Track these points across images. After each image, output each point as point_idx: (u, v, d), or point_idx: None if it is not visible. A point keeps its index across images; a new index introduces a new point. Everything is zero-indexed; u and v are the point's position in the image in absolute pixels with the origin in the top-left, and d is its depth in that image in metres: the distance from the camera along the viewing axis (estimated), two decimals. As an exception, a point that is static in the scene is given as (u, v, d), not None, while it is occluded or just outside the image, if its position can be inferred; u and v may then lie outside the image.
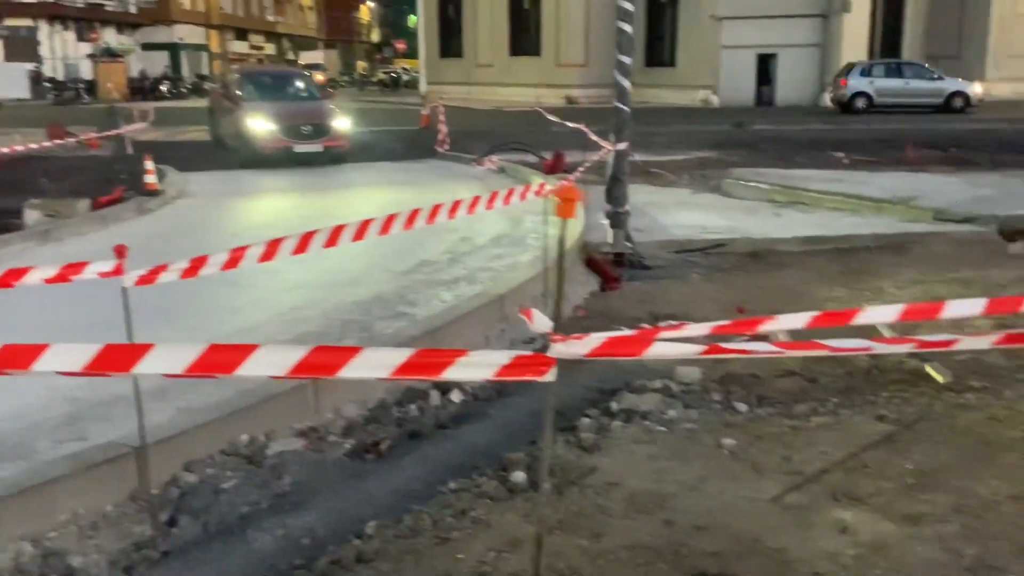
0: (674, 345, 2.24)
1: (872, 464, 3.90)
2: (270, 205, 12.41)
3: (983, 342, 2.76)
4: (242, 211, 11.83)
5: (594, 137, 9.24)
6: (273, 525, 3.61)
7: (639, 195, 11.96)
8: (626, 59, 7.98)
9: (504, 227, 9.31)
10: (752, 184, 12.72)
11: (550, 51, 38.02)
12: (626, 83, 8.05)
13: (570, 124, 11.09)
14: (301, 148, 15.10)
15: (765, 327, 2.43)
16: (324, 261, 7.23)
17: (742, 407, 4.70)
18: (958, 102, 28.20)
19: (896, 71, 29.21)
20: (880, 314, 2.49)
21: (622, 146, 8.31)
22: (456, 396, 5.04)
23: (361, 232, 4.16)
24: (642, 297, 7.38)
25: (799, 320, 2.45)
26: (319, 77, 33.08)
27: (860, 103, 28.15)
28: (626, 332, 2.23)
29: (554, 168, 13.27)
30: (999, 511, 3.46)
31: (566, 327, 6.54)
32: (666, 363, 5.11)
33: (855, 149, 16.60)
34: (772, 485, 3.74)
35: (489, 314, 6.12)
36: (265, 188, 13.53)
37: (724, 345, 2.38)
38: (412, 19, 50.62)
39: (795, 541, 3.27)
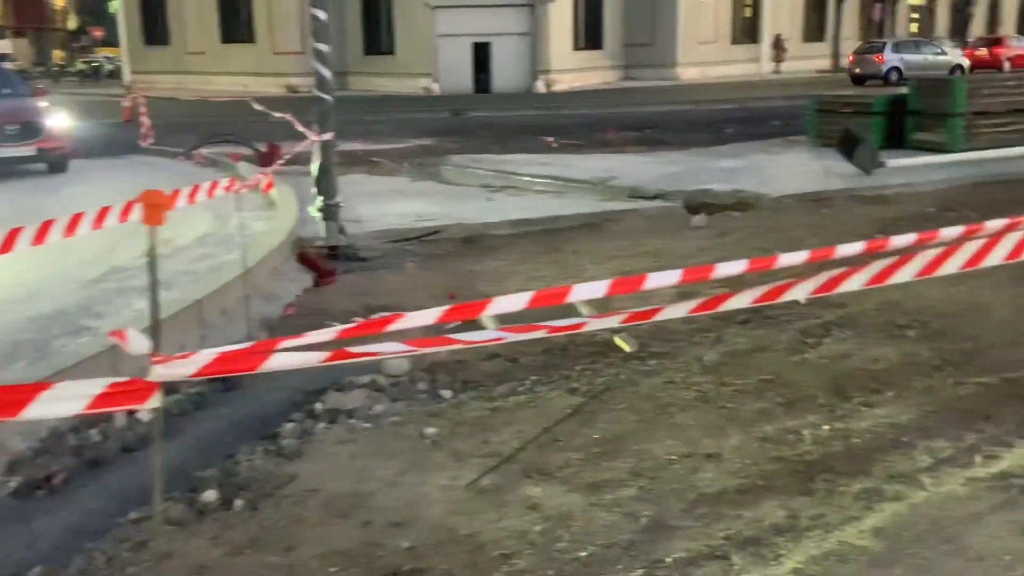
0: (297, 354, 2.15)
1: (563, 437, 4.07)
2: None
3: (612, 321, 2.93)
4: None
5: (300, 127, 8.96)
6: (-91, 590, 3.13)
7: (358, 185, 11.86)
8: (324, 47, 7.79)
9: (210, 225, 8.79)
10: (468, 170, 13.00)
11: (265, 38, 36.62)
12: (326, 72, 7.86)
13: (276, 114, 10.68)
14: (5, 152, 13.17)
15: (394, 326, 2.42)
16: (-5, 275, 6.46)
17: (447, 394, 4.74)
18: (958, 72, 31.63)
19: (915, 47, 33.56)
20: (509, 303, 2.56)
21: (327, 136, 8.12)
22: (146, 415, 4.66)
23: (8, 244, 3.69)
24: (357, 290, 7.28)
25: (429, 316, 2.46)
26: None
27: (894, 76, 31.38)
28: (241, 346, 2.11)
29: (269, 160, 12.76)
30: (672, 470, 3.73)
31: (277, 327, 6.36)
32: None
33: (563, 134, 17.48)
34: (470, 470, 3.78)
35: (187, 321, 5.73)
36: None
37: (352, 349, 2.32)
38: (114, 4, 46.62)
39: (487, 524, 3.32)
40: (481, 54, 33.67)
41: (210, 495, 3.69)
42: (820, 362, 4.99)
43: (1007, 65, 34.74)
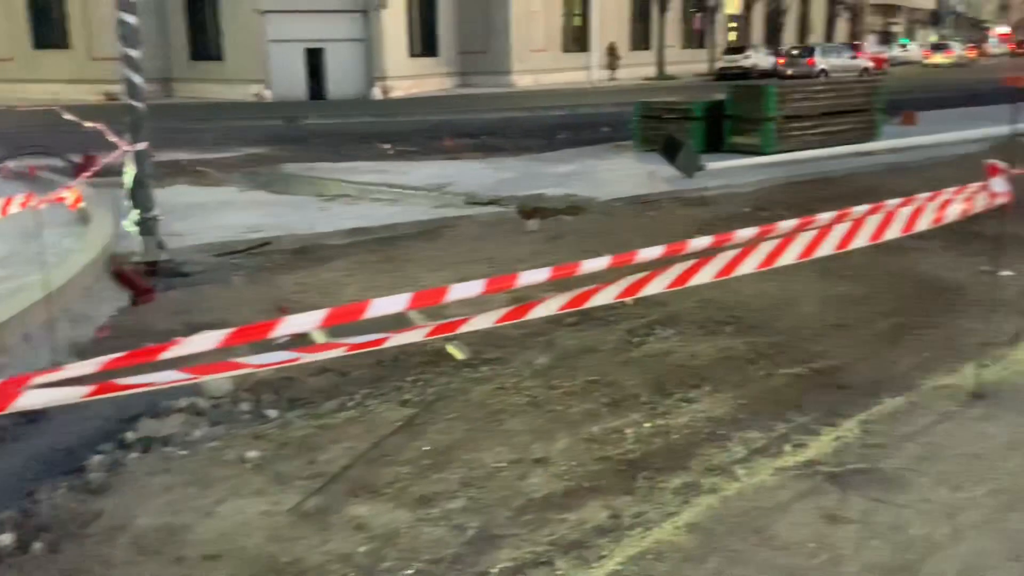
0: (55, 390, 1.99)
1: (392, 451, 3.99)
2: None
3: (416, 334, 2.90)
4: None
5: (112, 137, 8.44)
6: None
7: (183, 196, 11.33)
8: (134, 53, 7.39)
9: (13, 244, 8.14)
10: (301, 179, 12.68)
11: (81, 43, 34.51)
12: (137, 78, 7.46)
13: (87, 124, 10.01)
14: None
15: (169, 353, 2.27)
16: None
17: (272, 413, 4.56)
18: (864, 74, 36.57)
19: (836, 52, 40.12)
20: (302, 321, 2.47)
21: (141, 146, 7.69)
22: (-67, 453, 4.23)
23: None
24: (179, 307, 6.92)
25: (210, 340, 2.33)
26: None
27: (823, 76, 35.49)
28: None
29: (80, 173, 11.96)
30: (501, 478, 3.72)
31: (89, 351, 5.95)
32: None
33: (399, 141, 17.35)
34: (293, 493, 3.64)
35: (-20, 350, 5.26)
36: None
37: (122, 381, 2.17)
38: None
39: (310, 549, 3.20)
40: (315, 60, 33.03)
41: (5, 539, 3.38)
42: (644, 360, 5.14)
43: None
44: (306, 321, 2.44)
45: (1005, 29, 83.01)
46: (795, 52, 40.19)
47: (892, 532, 3.13)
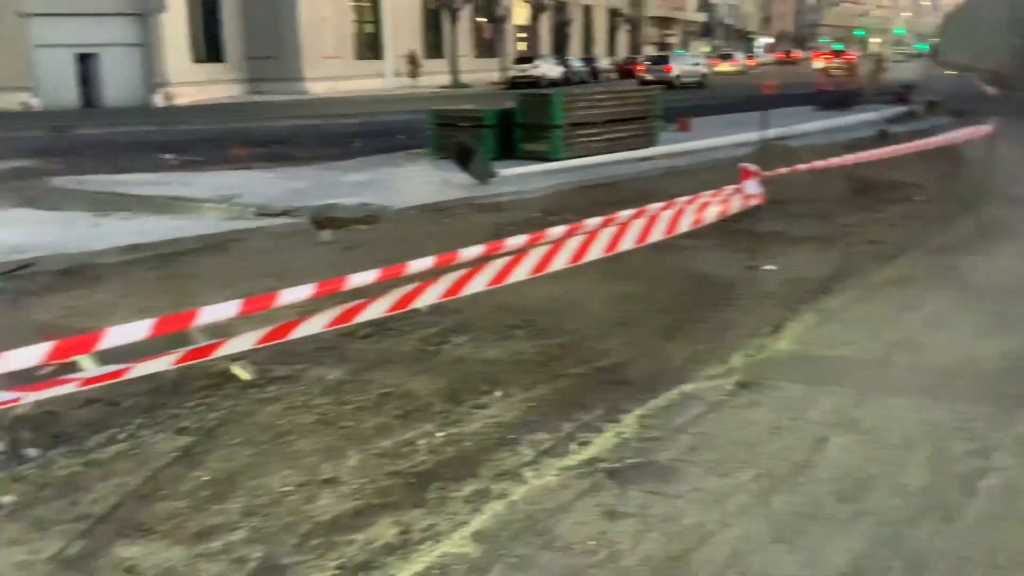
0: None
1: (166, 485, 3.75)
2: None
3: (164, 361, 2.75)
4: None
5: None
6: None
7: (-70, 217, 10.23)
8: None
9: None
10: (71, 193, 11.77)
11: None
12: None
13: None
14: None
15: None
16: None
17: (32, 452, 4.16)
18: (704, 79, 43.20)
19: (683, 59, 44.88)
20: (20, 358, 2.27)
21: None
22: None
23: None
24: (-76, 341, 6.20)
25: None
26: None
27: (677, 81, 40.49)
28: None
29: None
30: (287, 503, 3.58)
31: None
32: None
33: (183, 150, 16.52)
34: (54, 539, 3.33)
35: None
36: None
37: None
38: None
39: (71, 600, 2.94)
40: (87, 66, 30.85)
41: None
42: (438, 369, 5.13)
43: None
44: (25, 357, 2.22)
45: (770, 40, 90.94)
46: (651, 60, 44.63)
47: (667, 523, 3.27)
